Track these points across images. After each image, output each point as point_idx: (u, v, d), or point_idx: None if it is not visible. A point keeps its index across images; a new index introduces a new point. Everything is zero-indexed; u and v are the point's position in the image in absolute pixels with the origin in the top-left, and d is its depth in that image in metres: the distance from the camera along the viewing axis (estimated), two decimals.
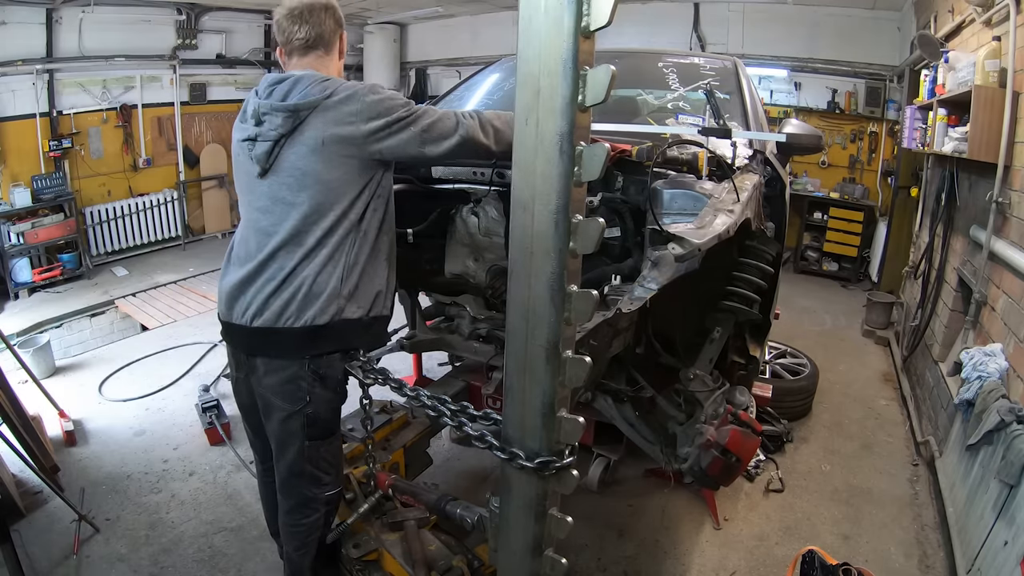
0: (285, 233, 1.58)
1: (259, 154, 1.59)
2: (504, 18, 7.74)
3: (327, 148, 1.54)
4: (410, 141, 1.56)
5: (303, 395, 1.66)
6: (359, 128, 1.53)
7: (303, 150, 1.55)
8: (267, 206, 1.62)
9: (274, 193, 1.60)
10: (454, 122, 1.59)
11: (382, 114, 1.54)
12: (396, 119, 1.55)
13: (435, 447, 3.13)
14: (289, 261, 1.59)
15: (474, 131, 1.59)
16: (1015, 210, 2.74)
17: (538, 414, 1.22)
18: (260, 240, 1.63)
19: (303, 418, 1.68)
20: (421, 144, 1.57)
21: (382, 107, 1.54)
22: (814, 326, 5.28)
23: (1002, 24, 2.92)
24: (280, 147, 1.57)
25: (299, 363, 1.65)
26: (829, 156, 6.80)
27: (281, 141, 1.57)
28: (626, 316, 1.60)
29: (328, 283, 1.60)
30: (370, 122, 1.53)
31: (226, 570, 2.41)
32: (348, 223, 1.60)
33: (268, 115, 1.56)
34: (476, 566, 1.93)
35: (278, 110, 1.55)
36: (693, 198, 1.78)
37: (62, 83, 6.29)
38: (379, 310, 1.73)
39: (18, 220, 5.93)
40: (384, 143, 1.56)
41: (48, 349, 4.22)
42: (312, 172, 1.55)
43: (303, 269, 1.59)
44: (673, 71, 2.76)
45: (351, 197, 1.59)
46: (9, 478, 2.68)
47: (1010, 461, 2.08)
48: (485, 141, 1.61)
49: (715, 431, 1.97)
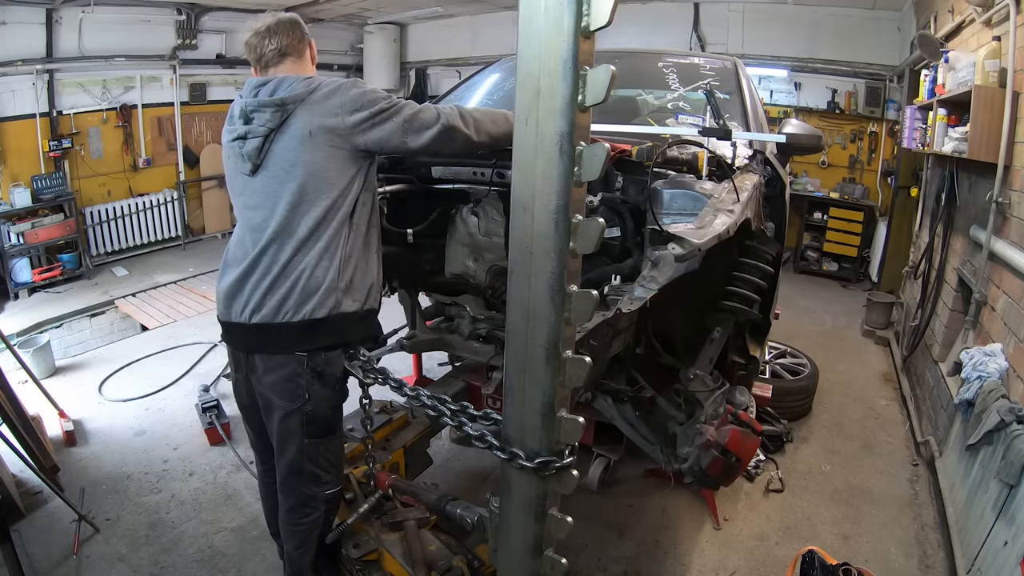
0: (276, 224, 1.62)
1: (250, 150, 1.63)
2: (504, 18, 7.74)
3: (314, 138, 1.59)
4: (393, 132, 1.61)
5: (302, 392, 1.68)
6: (344, 120, 1.58)
7: (292, 142, 1.60)
8: (259, 202, 1.66)
9: (265, 188, 1.64)
10: (435, 113, 1.63)
11: (365, 106, 1.59)
12: (379, 111, 1.60)
13: (435, 447, 3.13)
14: (282, 253, 1.62)
15: (454, 119, 1.62)
16: (1015, 210, 2.74)
17: (538, 414, 1.22)
18: (254, 237, 1.67)
19: (302, 416, 1.70)
20: (404, 134, 1.61)
21: (364, 99, 1.59)
22: (814, 326, 5.28)
23: (1002, 24, 2.92)
24: (270, 142, 1.62)
25: (297, 360, 1.66)
26: (829, 156, 6.80)
27: (271, 136, 1.61)
28: (626, 316, 1.60)
29: (325, 276, 1.63)
30: (354, 114, 1.58)
31: (226, 570, 2.41)
32: (340, 216, 1.64)
33: (256, 112, 1.61)
34: (476, 566, 1.94)
35: (266, 105, 1.60)
36: (693, 198, 1.78)
37: (62, 83, 6.28)
38: (372, 303, 1.77)
39: (18, 220, 5.92)
40: (368, 134, 1.61)
41: (48, 349, 4.23)
42: (300, 162, 1.60)
43: (299, 262, 1.62)
44: (673, 71, 2.76)
45: (340, 188, 1.63)
46: (9, 478, 2.68)
47: (1010, 461, 2.08)
48: (465, 130, 1.64)
49: (715, 431, 1.97)
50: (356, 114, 1.59)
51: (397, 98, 1.66)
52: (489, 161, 2.07)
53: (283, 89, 1.62)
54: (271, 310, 1.63)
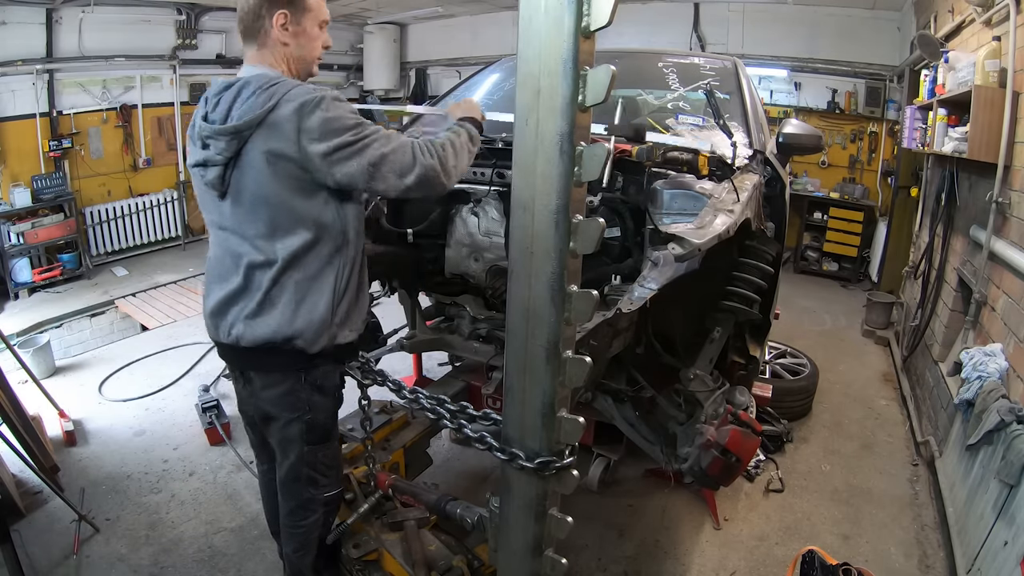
0: (254, 252, 1.50)
1: (211, 179, 1.48)
2: (504, 18, 7.73)
3: (273, 167, 1.42)
4: (357, 174, 1.41)
5: (303, 404, 1.64)
6: (305, 150, 1.39)
7: (251, 172, 1.44)
8: (233, 226, 1.53)
9: (235, 214, 1.51)
10: (410, 157, 1.44)
11: (328, 135, 1.38)
12: (342, 144, 1.39)
13: (435, 447, 3.13)
14: (264, 281, 1.50)
15: (432, 167, 1.45)
16: (1015, 210, 2.74)
17: (538, 414, 1.22)
18: (234, 259, 1.54)
19: (303, 424, 1.67)
20: (369, 179, 1.42)
21: (329, 127, 1.38)
22: (814, 326, 5.28)
23: (1002, 24, 2.92)
24: (230, 169, 1.46)
25: (295, 376, 1.61)
26: (829, 156, 6.80)
27: (229, 164, 1.45)
28: (626, 316, 1.60)
29: (315, 310, 1.53)
30: (314, 144, 1.38)
31: (226, 570, 2.41)
32: (327, 250, 1.52)
33: (212, 139, 1.45)
34: (476, 566, 1.94)
35: (221, 134, 1.42)
36: (693, 198, 1.79)
37: (62, 83, 6.28)
38: (363, 326, 1.72)
39: (18, 220, 5.92)
40: (333, 169, 1.41)
41: (48, 349, 4.22)
42: (263, 194, 1.45)
43: (282, 290, 1.51)
44: (673, 71, 2.76)
45: (316, 221, 1.48)
46: (9, 478, 2.68)
47: (1010, 461, 2.08)
48: (442, 178, 1.48)
49: (715, 431, 1.97)
50: (317, 144, 1.38)
51: (371, 126, 1.45)
52: (489, 161, 2.07)
53: (238, 108, 1.42)
54: (260, 337, 1.53)
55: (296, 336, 1.53)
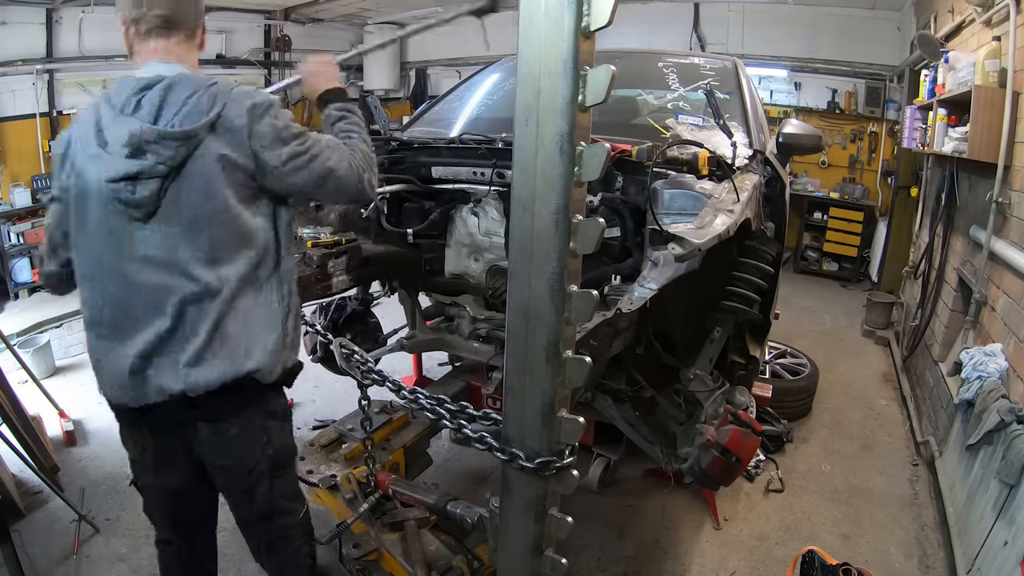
0: (190, 285, 1.30)
1: (141, 197, 1.26)
2: (504, 18, 7.70)
3: (229, 174, 1.29)
4: (306, 185, 1.38)
5: (260, 438, 1.48)
6: (257, 157, 1.32)
7: (198, 182, 1.27)
8: (158, 255, 1.30)
9: (163, 242, 1.29)
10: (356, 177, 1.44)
11: (277, 143, 1.32)
12: (294, 154, 1.34)
13: (435, 447, 3.13)
14: (206, 319, 1.32)
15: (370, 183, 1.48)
16: (1015, 210, 2.74)
17: (538, 414, 1.22)
18: (155, 299, 1.31)
19: (266, 460, 1.51)
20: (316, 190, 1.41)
21: (282, 134, 1.33)
22: (814, 326, 5.28)
23: (1002, 24, 2.92)
24: (170, 181, 1.27)
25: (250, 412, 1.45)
26: (829, 156, 6.80)
27: (171, 175, 1.26)
28: (626, 316, 1.60)
29: (269, 340, 1.40)
30: (265, 152, 1.32)
31: (226, 570, 2.40)
32: (269, 268, 1.41)
33: (155, 144, 1.24)
34: (476, 566, 1.93)
35: (168, 138, 1.24)
36: (693, 198, 1.79)
37: (62, 83, 6.27)
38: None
39: (18, 220, 5.91)
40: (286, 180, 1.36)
41: (48, 349, 4.23)
42: (206, 209, 1.29)
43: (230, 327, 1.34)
44: (673, 71, 2.76)
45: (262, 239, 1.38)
46: (9, 478, 2.68)
47: (1010, 461, 2.08)
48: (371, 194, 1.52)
49: (715, 431, 1.97)
50: (270, 152, 1.31)
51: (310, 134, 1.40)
52: (489, 161, 2.07)
53: (173, 111, 1.26)
54: (211, 382, 1.33)
55: (254, 370, 1.37)
